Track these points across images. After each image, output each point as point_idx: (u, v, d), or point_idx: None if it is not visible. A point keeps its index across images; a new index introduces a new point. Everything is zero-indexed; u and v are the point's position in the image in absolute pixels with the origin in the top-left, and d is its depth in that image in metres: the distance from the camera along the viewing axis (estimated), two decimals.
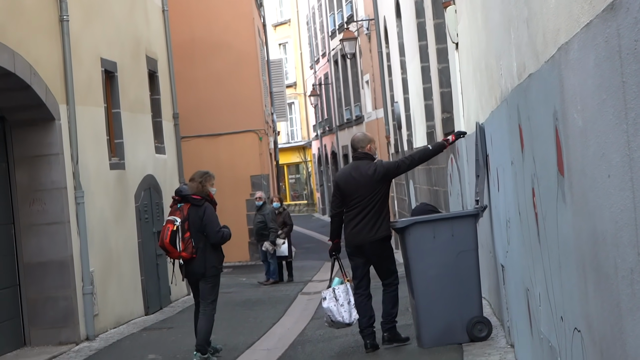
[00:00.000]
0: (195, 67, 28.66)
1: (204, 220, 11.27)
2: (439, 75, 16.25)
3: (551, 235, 5.30)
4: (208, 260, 11.36)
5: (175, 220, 11.26)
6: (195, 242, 11.30)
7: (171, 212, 11.49)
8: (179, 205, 11.40)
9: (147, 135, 18.33)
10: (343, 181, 10.87)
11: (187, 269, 11.42)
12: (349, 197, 10.76)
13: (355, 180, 10.75)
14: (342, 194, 10.84)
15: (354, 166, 10.96)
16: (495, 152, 8.66)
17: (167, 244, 11.21)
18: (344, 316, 10.87)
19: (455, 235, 10.50)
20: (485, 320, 10.59)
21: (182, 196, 11.41)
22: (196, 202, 11.35)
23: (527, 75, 5.66)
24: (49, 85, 13.60)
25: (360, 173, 10.77)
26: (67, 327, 13.74)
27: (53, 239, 13.70)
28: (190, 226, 11.28)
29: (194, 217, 11.30)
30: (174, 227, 11.21)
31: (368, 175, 10.73)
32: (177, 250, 11.23)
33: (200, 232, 11.31)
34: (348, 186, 10.79)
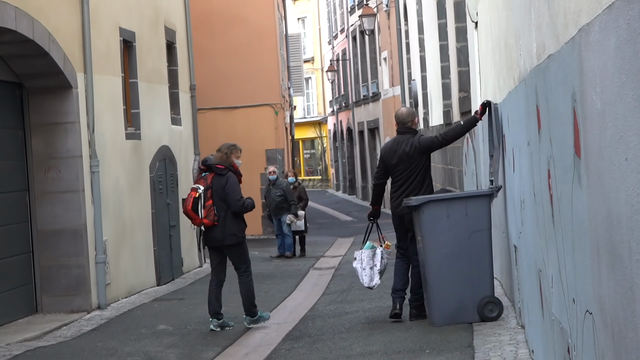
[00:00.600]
0: (213, 39, 28.62)
1: (226, 189, 11.66)
2: (458, 54, 16.21)
3: (566, 217, 5.29)
4: (228, 228, 11.72)
5: (199, 188, 11.74)
6: (217, 210, 11.71)
7: (196, 180, 12.01)
8: (203, 174, 11.86)
9: (164, 106, 18.34)
10: (386, 154, 11.41)
11: (208, 235, 11.81)
12: (392, 170, 11.33)
13: (397, 154, 11.24)
14: (385, 166, 11.43)
15: (397, 140, 11.40)
16: (512, 132, 8.64)
17: (189, 210, 11.70)
18: (364, 279, 11.49)
19: (469, 214, 10.50)
20: (497, 300, 10.60)
21: (207, 165, 11.86)
22: (219, 171, 11.78)
23: (546, 55, 5.64)
24: (67, 53, 13.62)
25: (401, 147, 11.24)
26: (79, 295, 13.81)
27: (67, 207, 13.74)
28: (213, 194, 11.70)
29: (217, 185, 11.70)
30: (196, 194, 11.68)
31: (407, 150, 11.20)
32: (199, 217, 11.68)
33: (223, 201, 11.70)
34: (390, 159, 11.32)
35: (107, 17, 15.29)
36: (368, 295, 14.15)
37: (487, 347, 9.22)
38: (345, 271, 18.40)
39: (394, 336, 10.54)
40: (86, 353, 10.87)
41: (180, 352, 10.87)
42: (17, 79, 13.53)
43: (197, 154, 20.74)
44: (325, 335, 11.31)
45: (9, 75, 13.34)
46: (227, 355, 10.88)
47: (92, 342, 11.56)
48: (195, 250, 20.01)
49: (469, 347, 9.40)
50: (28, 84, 13.64)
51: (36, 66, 13.28)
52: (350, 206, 43.32)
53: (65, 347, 11.32)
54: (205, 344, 11.35)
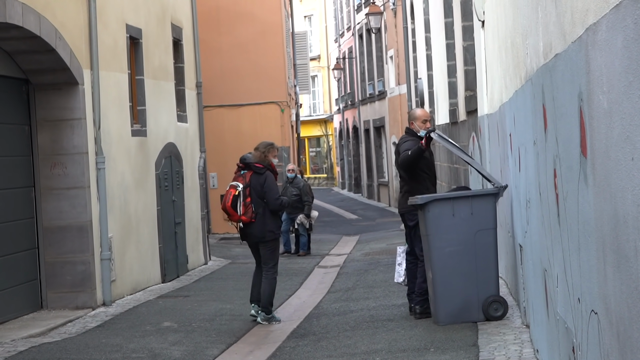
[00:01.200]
0: (219, 36, 28.62)
1: (265, 188, 12.08)
2: (464, 53, 16.20)
3: (571, 217, 5.29)
4: (266, 225, 12.13)
5: (238, 185, 12.14)
6: (255, 207, 12.12)
7: (234, 177, 12.36)
8: (242, 172, 12.27)
9: (170, 103, 18.35)
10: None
11: (246, 232, 12.21)
12: None
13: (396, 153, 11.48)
14: None
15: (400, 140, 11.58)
16: (518, 131, 8.64)
17: (228, 207, 12.08)
18: (395, 275, 11.85)
19: (475, 213, 10.50)
20: (502, 299, 10.60)
21: (245, 164, 12.26)
22: (258, 169, 12.19)
23: (553, 55, 5.63)
24: (74, 49, 13.63)
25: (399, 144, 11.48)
26: (84, 291, 13.82)
27: (73, 203, 13.75)
28: (252, 192, 12.11)
29: (255, 183, 12.12)
30: (235, 191, 12.09)
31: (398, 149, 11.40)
32: (238, 214, 12.08)
33: (260, 198, 12.11)
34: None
35: (113, 13, 15.30)
36: (373, 293, 14.17)
37: (492, 346, 9.22)
38: (350, 269, 18.41)
39: (399, 335, 10.55)
40: (91, 349, 10.89)
41: (185, 349, 10.88)
42: (24, 75, 13.54)
43: (202, 151, 20.74)
44: (330, 333, 11.31)
45: (15, 71, 13.35)
46: (232, 352, 10.89)
47: (97, 339, 11.57)
48: (201, 247, 20.03)
49: (473, 346, 9.40)
50: (34, 80, 13.65)
51: (43, 62, 13.29)
52: (355, 204, 43.32)
53: (70, 343, 11.33)
54: (209, 341, 11.36)
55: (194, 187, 19.91)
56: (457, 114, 17.65)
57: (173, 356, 10.47)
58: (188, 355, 10.55)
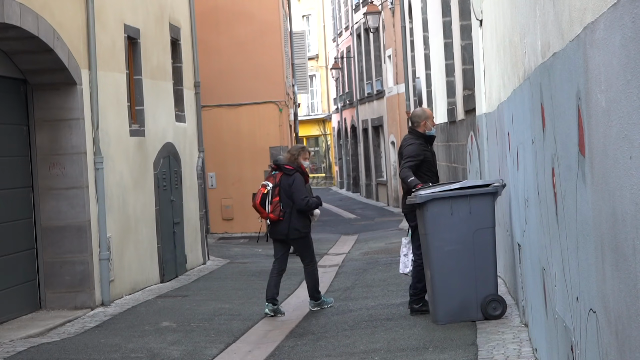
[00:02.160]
0: (217, 35, 28.60)
1: (292, 188, 12.76)
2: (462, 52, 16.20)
3: (570, 215, 5.29)
4: (292, 223, 12.81)
5: (268, 184, 12.85)
6: (284, 206, 12.79)
7: (266, 178, 13.15)
8: (273, 173, 13.00)
9: (168, 103, 18.34)
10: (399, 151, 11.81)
11: (274, 229, 12.91)
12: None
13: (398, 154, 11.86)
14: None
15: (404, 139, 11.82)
16: (516, 130, 8.64)
17: (257, 205, 12.78)
18: (400, 266, 11.96)
19: (473, 212, 10.49)
20: (500, 298, 10.60)
21: (277, 165, 13.00)
22: (288, 171, 12.89)
23: (551, 53, 5.64)
24: (72, 49, 13.62)
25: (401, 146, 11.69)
26: (83, 291, 13.81)
27: (71, 203, 13.75)
28: (281, 192, 12.78)
29: (284, 184, 12.80)
30: (265, 190, 12.79)
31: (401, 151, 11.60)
32: (266, 212, 12.77)
33: (289, 198, 12.78)
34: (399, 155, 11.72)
35: (111, 13, 15.29)
36: (371, 293, 14.17)
37: (491, 345, 9.23)
38: (349, 269, 18.41)
39: (397, 334, 10.55)
40: (90, 349, 10.88)
41: (184, 348, 10.88)
42: (22, 75, 13.54)
43: (201, 150, 20.73)
44: (329, 332, 11.31)
45: (13, 71, 13.35)
46: (231, 352, 10.89)
47: (96, 339, 11.57)
48: (199, 247, 20.03)
49: (472, 345, 9.40)
50: (32, 80, 13.64)
51: (41, 62, 13.28)
52: (354, 204, 43.32)
53: (69, 343, 11.33)
54: (208, 340, 11.36)
55: (193, 187, 19.91)
56: (456, 113, 17.65)
57: (172, 356, 10.47)
58: (187, 355, 10.55)
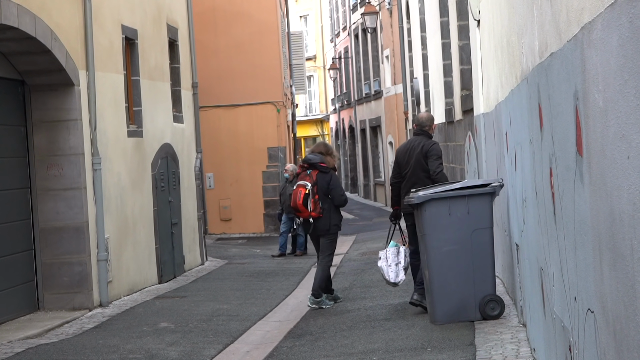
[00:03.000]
0: (215, 36, 28.62)
1: (331, 185, 13.21)
2: (460, 52, 16.20)
3: (567, 215, 5.29)
4: (332, 219, 13.27)
5: (307, 184, 13.15)
6: (322, 203, 13.16)
7: (301, 177, 13.34)
8: (308, 172, 13.27)
9: (166, 103, 18.34)
10: (400, 154, 12.07)
11: (315, 225, 13.23)
12: (403, 169, 11.89)
13: (408, 153, 11.87)
14: (398, 165, 11.98)
15: (410, 141, 12.16)
16: (514, 130, 8.64)
17: (300, 205, 13.07)
18: (390, 275, 11.97)
19: (471, 212, 10.49)
20: (498, 298, 10.60)
21: (310, 164, 13.27)
22: (324, 169, 13.31)
23: (548, 54, 5.64)
24: (70, 50, 13.62)
25: (413, 147, 11.85)
26: (81, 292, 13.81)
27: (69, 204, 13.75)
28: (318, 190, 13.14)
29: (321, 182, 13.17)
30: (306, 190, 13.09)
31: (417, 150, 11.75)
32: (308, 210, 13.09)
33: (326, 195, 13.18)
34: (402, 159, 11.94)
35: (109, 14, 15.29)
36: (370, 293, 14.17)
37: (489, 346, 9.23)
38: (347, 269, 18.40)
39: (396, 334, 10.55)
40: (88, 351, 10.88)
41: (182, 349, 10.88)
42: (19, 76, 13.53)
43: (199, 151, 20.73)
44: (327, 333, 11.31)
45: (11, 72, 13.34)
46: (229, 352, 10.89)
47: (94, 340, 11.56)
48: (197, 247, 20.02)
49: (470, 345, 9.40)
50: (30, 81, 13.64)
51: (38, 63, 13.28)
52: (352, 204, 43.24)
53: (67, 344, 11.32)
54: (207, 341, 11.36)
55: (191, 187, 19.91)
56: (453, 113, 17.65)
57: (170, 357, 10.47)
58: (185, 355, 10.55)
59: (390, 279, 11.99)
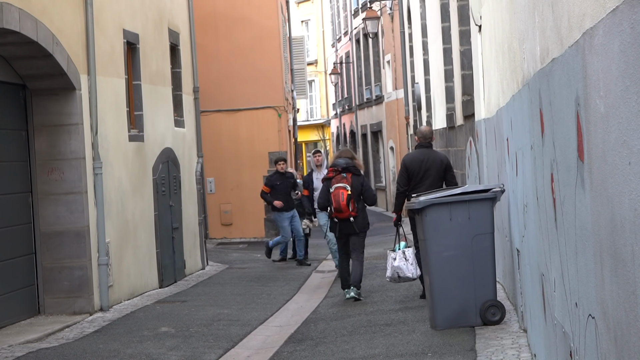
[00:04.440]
0: (216, 41, 28.63)
1: (364, 186, 14.17)
2: (461, 58, 16.21)
3: (569, 221, 5.29)
4: (365, 218, 14.22)
5: (346, 186, 14.01)
6: (356, 203, 14.05)
7: (337, 179, 14.10)
8: (344, 175, 14.10)
9: (167, 108, 18.35)
10: (412, 164, 13.05)
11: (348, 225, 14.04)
12: (416, 177, 12.95)
13: (423, 164, 12.96)
14: (410, 174, 13.01)
15: (422, 152, 13.15)
16: (515, 136, 8.64)
17: (344, 205, 13.92)
18: (413, 272, 12.77)
19: (472, 218, 10.49)
20: (499, 304, 10.60)
21: (344, 168, 14.12)
22: (357, 172, 14.26)
23: (550, 59, 5.64)
24: (71, 54, 13.63)
25: (429, 158, 12.98)
26: (82, 297, 13.80)
27: (70, 208, 13.75)
28: (353, 191, 13.99)
29: (356, 184, 14.08)
30: (347, 192, 13.96)
31: (438, 161, 12.99)
32: (349, 211, 13.92)
33: (359, 196, 14.09)
34: (416, 168, 12.97)
35: (111, 18, 15.30)
36: (370, 298, 14.17)
37: (490, 351, 9.22)
38: None
39: (396, 339, 10.54)
40: (88, 355, 10.88)
41: (182, 354, 10.87)
42: (21, 80, 13.54)
43: (200, 156, 20.74)
44: (328, 338, 11.31)
45: (12, 76, 13.35)
46: (229, 357, 10.88)
47: (94, 344, 11.56)
48: (198, 252, 20.02)
49: (471, 350, 9.40)
50: (31, 85, 13.65)
51: (40, 68, 13.28)
52: None
53: (67, 349, 11.32)
54: (207, 346, 11.35)
55: (192, 192, 19.91)
56: (455, 118, 17.66)
57: None
58: None
59: (412, 275, 12.74)
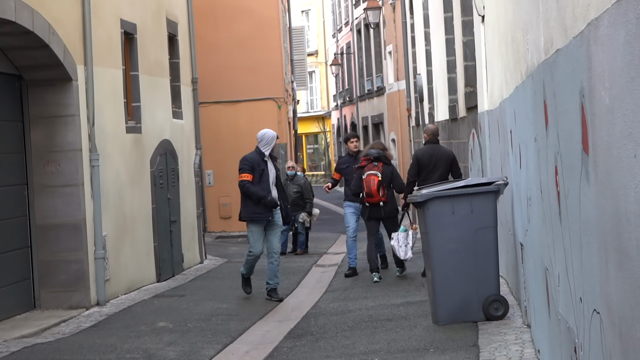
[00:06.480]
0: (215, 31, 28.60)
1: (393, 175, 15.50)
2: (464, 48, 16.21)
3: (573, 215, 5.29)
4: (394, 204, 15.65)
5: (377, 173, 15.29)
6: (386, 190, 15.33)
7: (369, 167, 15.40)
8: (375, 163, 15.38)
9: (165, 99, 18.34)
10: (424, 157, 14.80)
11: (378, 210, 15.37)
12: (426, 170, 14.62)
13: (433, 157, 14.70)
14: (420, 166, 14.71)
15: (432, 147, 14.89)
16: (519, 128, 8.64)
17: (374, 190, 15.22)
18: (401, 253, 14.44)
19: (475, 211, 10.49)
20: (502, 298, 10.60)
21: (375, 157, 15.38)
22: (388, 161, 15.59)
23: (554, 50, 5.64)
24: (68, 45, 13.61)
25: (438, 152, 14.76)
26: (78, 291, 13.80)
27: (67, 201, 13.74)
28: (384, 178, 15.32)
29: (386, 172, 15.41)
30: (378, 178, 15.26)
31: (445, 155, 14.77)
32: (380, 196, 15.25)
33: (389, 184, 15.39)
34: (427, 161, 14.69)
35: (108, 8, 15.28)
36: (372, 292, 14.18)
37: (493, 347, 9.23)
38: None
39: (398, 335, 10.55)
40: (85, 350, 10.88)
41: (181, 349, 10.88)
42: (17, 71, 13.53)
43: (198, 148, 20.72)
44: (328, 333, 11.31)
45: (8, 67, 13.34)
46: (228, 352, 10.89)
47: (91, 339, 11.56)
48: (197, 245, 20.02)
49: (473, 346, 9.40)
50: (28, 76, 13.64)
51: (36, 58, 13.27)
52: None
53: (63, 344, 11.32)
54: (205, 341, 11.36)
55: (190, 184, 19.91)
56: (457, 110, 17.65)
57: (168, 357, 10.47)
58: (183, 355, 10.55)
59: (400, 255, 14.40)
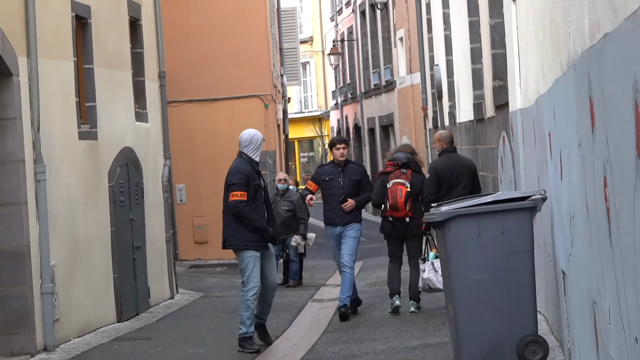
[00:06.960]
0: (188, 14, 28.64)
1: (424, 186, 14.98)
2: (491, 33, 16.23)
3: (626, 236, 5.29)
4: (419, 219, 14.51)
5: (405, 183, 15.00)
6: (414, 203, 15.06)
7: (395, 175, 15.14)
8: (404, 170, 15.13)
9: (126, 98, 18.34)
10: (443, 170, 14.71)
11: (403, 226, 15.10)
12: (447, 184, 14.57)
13: (455, 170, 14.67)
14: (440, 181, 14.66)
15: (451, 157, 14.94)
16: (559, 130, 8.65)
17: (401, 203, 14.95)
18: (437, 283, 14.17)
19: (506, 232, 10.47)
20: (540, 339, 10.59)
21: (404, 163, 15.11)
22: (418, 169, 15.34)
23: (601, 35, 5.65)
24: (7, 32, 13.62)
25: (459, 163, 14.85)
26: (21, 333, 13.78)
27: (6, 223, 13.72)
28: (412, 189, 15.02)
29: (415, 181, 15.10)
30: (407, 188, 14.97)
31: (467, 166, 14.88)
32: (407, 210, 15.01)
33: (417, 195, 15.08)
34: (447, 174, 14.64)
35: None
36: (380, 333, 14.17)
37: None
38: None
39: None
40: None
41: None
42: None
43: (167, 157, 20.71)
44: None
45: None
46: None
47: None
48: (166, 277, 20.01)
49: None
50: None
51: None
52: None
53: None
54: None
55: (157, 202, 19.91)
56: (484, 109, 17.67)
57: None
58: None
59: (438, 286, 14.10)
